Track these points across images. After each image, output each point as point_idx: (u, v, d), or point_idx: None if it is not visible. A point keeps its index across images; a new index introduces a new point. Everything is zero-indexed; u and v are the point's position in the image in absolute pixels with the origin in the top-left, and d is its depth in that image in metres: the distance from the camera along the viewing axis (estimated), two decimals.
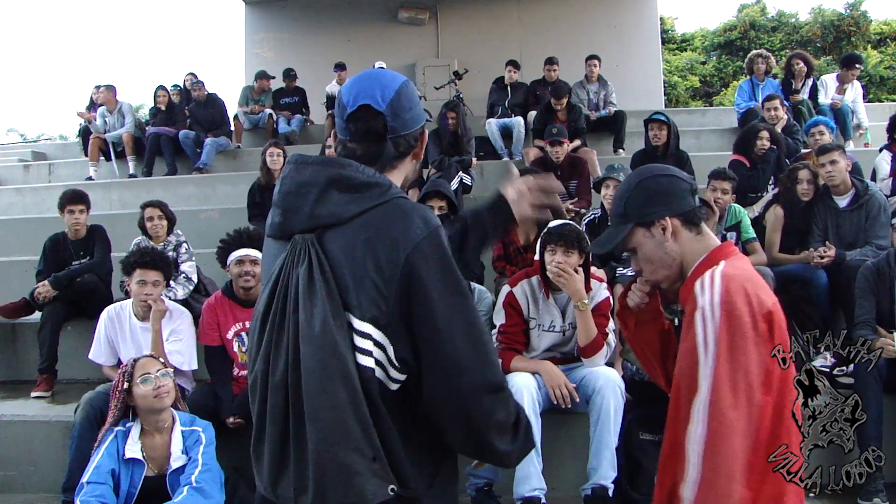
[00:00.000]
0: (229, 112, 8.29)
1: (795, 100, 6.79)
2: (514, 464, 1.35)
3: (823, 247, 4.06)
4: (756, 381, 1.25)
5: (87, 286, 4.21)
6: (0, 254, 5.69)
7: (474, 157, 6.36)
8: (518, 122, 7.33)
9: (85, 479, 2.59)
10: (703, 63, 20.54)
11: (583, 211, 5.04)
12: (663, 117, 5.48)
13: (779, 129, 5.69)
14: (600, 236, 1.53)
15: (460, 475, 1.49)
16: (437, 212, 3.86)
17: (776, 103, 5.99)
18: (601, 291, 3.24)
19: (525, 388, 2.94)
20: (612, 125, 7.39)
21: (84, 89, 46.97)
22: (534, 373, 3.07)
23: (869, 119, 7.37)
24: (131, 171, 7.80)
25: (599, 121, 7.44)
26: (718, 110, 10.58)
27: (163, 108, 8.10)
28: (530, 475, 2.85)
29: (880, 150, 5.18)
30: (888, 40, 18.98)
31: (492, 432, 1.25)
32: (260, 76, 8.63)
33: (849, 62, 7.12)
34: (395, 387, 1.23)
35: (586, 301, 3.07)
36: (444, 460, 1.33)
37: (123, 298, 3.75)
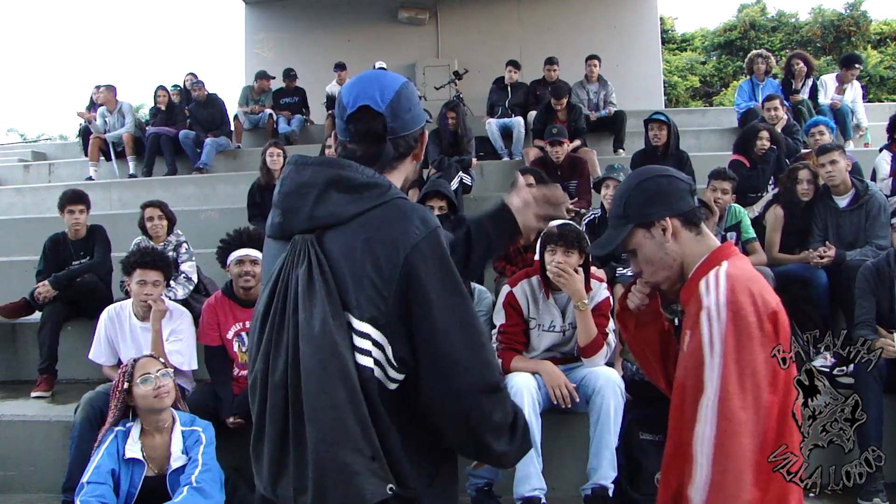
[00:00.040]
0: (229, 112, 8.28)
1: (795, 100, 6.78)
2: (512, 464, 1.35)
3: (823, 247, 4.06)
4: (763, 381, 1.24)
5: (87, 286, 4.22)
6: (0, 254, 5.69)
7: (474, 158, 6.37)
8: (518, 122, 7.32)
9: (85, 479, 2.59)
10: (703, 63, 20.53)
11: (583, 211, 5.04)
12: (663, 117, 5.47)
13: (779, 129, 5.69)
14: (600, 238, 1.52)
15: (460, 475, 1.49)
16: (436, 212, 3.86)
17: (776, 103, 5.98)
18: (601, 291, 3.24)
19: (525, 388, 2.94)
20: (612, 125, 7.38)
21: (84, 89, 47.04)
22: (534, 373, 3.07)
23: (869, 119, 7.37)
24: (131, 171, 7.80)
25: (599, 121, 7.43)
26: (718, 110, 10.58)
27: (163, 108, 8.10)
28: (530, 475, 2.86)
29: (880, 150, 5.18)
30: (888, 40, 18.98)
31: (489, 433, 1.26)
32: (260, 76, 8.62)
33: (848, 62, 7.11)
34: (393, 386, 1.23)
35: (586, 301, 3.07)
36: (444, 460, 1.33)
37: (123, 298, 3.75)
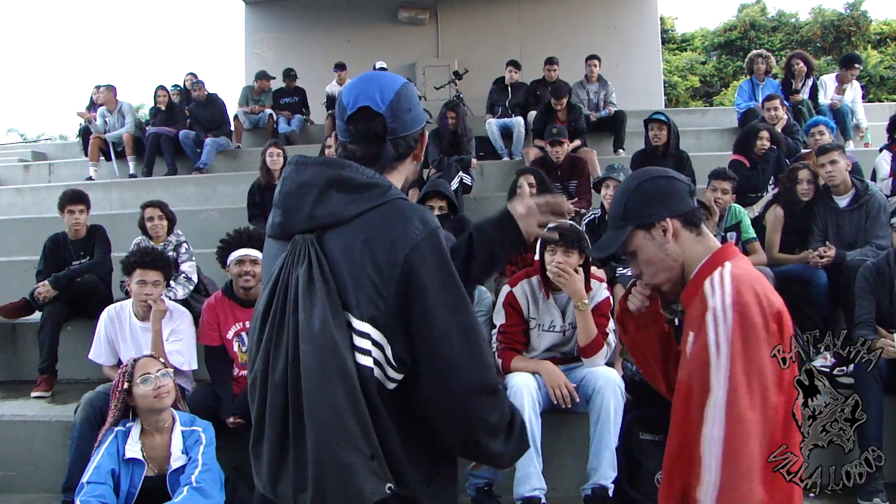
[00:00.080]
0: (229, 112, 8.28)
1: (795, 100, 6.78)
2: (507, 465, 1.36)
3: (823, 247, 4.06)
4: (770, 382, 1.24)
5: (87, 286, 4.22)
6: (0, 254, 5.69)
7: (474, 158, 6.35)
8: (518, 122, 7.32)
9: (85, 479, 2.59)
10: (703, 63, 20.54)
11: (583, 211, 5.04)
12: (663, 117, 5.47)
13: (779, 129, 5.69)
14: (599, 241, 1.51)
15: (460, 475, 1.49)
16: (436, 212, 3.86)
17: (776, 103, 5.98)
18: (601, 291, 3.24)
19: (525, 388, 2.94)
20: (612, 125, 7.37)
21: (84, 89, 47.05)
22: (534, 373, 3.07)
23: (869, 119, 7.36)
24: (131, 171, 7.80)
25: (599, 121, 7.43)
26: (718, 110, 10.58)
27: (163, 108, 8.10)
28: (530, 475, 2.85)
29: (880, 150, 5.18)
30: (888, 40, 18.98)
31: (485, 433, 1.26)
32: (260, 76, 8.62)
33: (848, 62, 7.10)
34: (392, 386, 1.24)
35: (586, 301, 3.07)
36: (443, 460, 1.34)
37: (123, 298, 3.75)
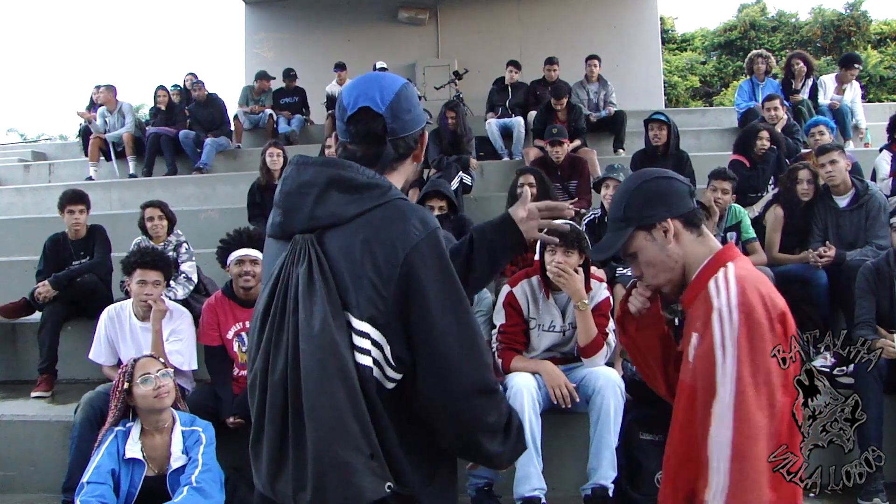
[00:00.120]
0: (229, 112, 8.28)
1: (795, 100, 6.78)
2: (505, 466, 1.36)
3: (823, 247, 4.06)
4: (777, 383, 1.24)
5: (87, 286, 4.22)
6: (0, 254, 5.69)
7: (472, 157, 6.32)
8: (518, 122, 7.32)
9: (85, 479, 2.59)
10: (703, 63, 20.53)
11: (583, 211, 5.04)
12: (663, 117, 5.47)
13: (779, 129, 5.69)
14: (599, 242, 1.50)
15: (460, 475, 1.49)
16: (436, 212, 3.86)
17: (776, 103, 5.98)
18: (601, 291, 3.24)
19: (525, 388, 2.94)
20: (612, 125, 7.37)
21: (84, 89, 47.08)
22: (534, 373, 3.07)
23: (869, 119, 7.36)
24: (131, 171, 7.80)
25: (599, 121, 7.43)
26: (718, 110, 10.58)
27: (163, 108, 8.11)
28: (530, 475, 2.85)
29: (880, 150, 5.18)
30: (888, 40, 18.98)
31: (482, 433, 1.27)
32: (260, 76, 8.62)
33: (848, 62, 7.10)
34: (391, 386, 1.24)
35: (586, 301, 3.07)
36: (442, 460, 1.34)
37: (123, 298, 3.75)
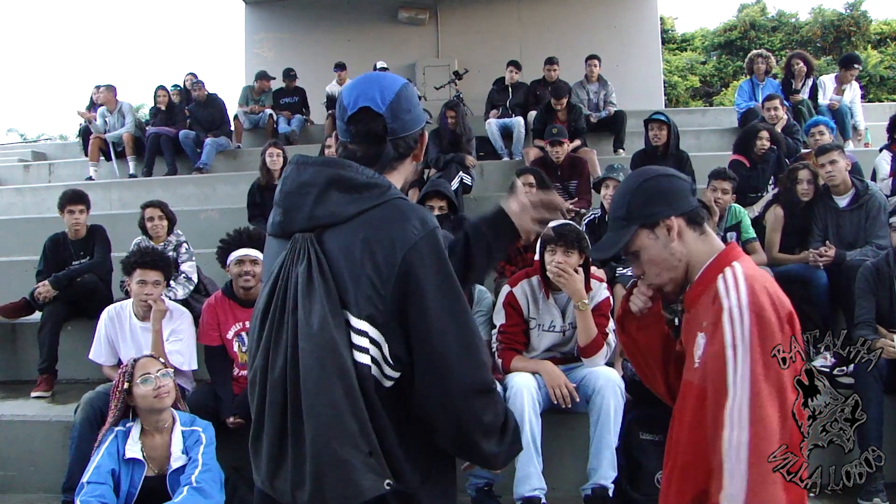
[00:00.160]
0: (229, 112, 8.28)
1: (795, 100, 6.78)
2: (500, 466, 1.36)
3: (823, 247, 4.06)
4: (787, 383, 1.23)
5: (87, 286, 4.21)
6: (0, 254, 5.69)
7: (469, 156, 6.26)
8: (518, 122, 7.31)
9: (85, 479, 2.59)
10: (703, 63, 20.54)
11: (583, 211, 5.04)
12: (663, 117, 5.47)
13: (779, 129, 5.69)
14: (600, 241, 1.49)
15: (459, 474, 1.49)
16: (436, 212, 3.86)
17: (776, 103, 5.98)
18: (601, 291, 3.24)
19: (525, 388, 2.94)
20: (612, 125, 7.37)
21: (84, 89, 47.09)
22: (534, 373, 3.07)
23: (869, 119, 7.36)
24: (131, 171, 7.80)
25: (599, 121, 7.43)
26: (718, 110, 10.58)
27: (163, 108, 8.11)
28: (530, 475, 2.85)
29: (880, 150, 5.18)
30: (888, 40, 18.99)
31: (478, 433, 1.27)
32: (260, 77, 8.62)
33: (847, 63, 7.09)
34: (389, 384, 1.25)
35: (586, 301, 3.07)
36: (440, 458, 1.34)
37: (123, 298, 3.75)
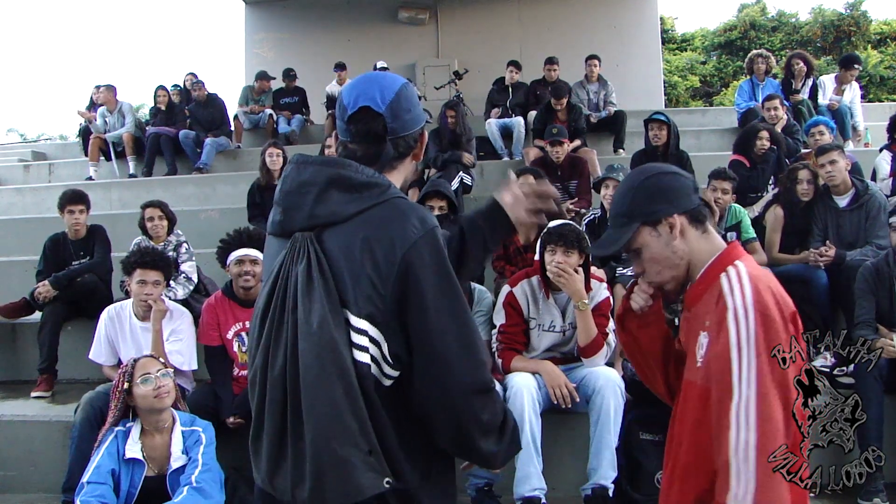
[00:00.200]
0: (229, 112, 8.28)
1: (795, 100, 6.78)
2: (499, 465, 1.36)
3: (823, 247, 4.06)
4: (791, 382, 1.23)
5: (87, 286, 4.21)
6: (0, 254, 5.69)
7: (468, 154, 6.21)
8: (518, 122, 7.31)
9: (85, 479, 2.59)
10: (703, 63, 20.53)
11: (583, 211, 5.04)
12: (663, 117, 5.47)
13: (779, 129, 5.68)
14: (601, 238, 1.48)
15: (459, 474, 1.49)
16: (436, 212, 3.86)
17: (776, 103, 5.97)
18: (601, 291, 3.24)
19: (525, 388, 2.94)
20: (612, 125, 7.37)
21: (84, 89, 47.09)
22: (534, 373, 3.07)
23: (869, 119, 7.37)
24: (131, 171, 7.80)
25: (599, 121, 7.43)
26: (718, 110, 10.57)
27: (163, 108, 8.11)
28: (530, 475, 2.85)
29: (880, 150, 5.18)
30: (888, 40, 18.98)
31: (477, 432, 1.27)
32: (260, 77, 8.62)
33: (847, 63, 7.09)
34: (388, 383, 1.25)
35: (586, 301, 3.07)
36: (440, 456, 1.34)
37: (123, 298, 3.75)
